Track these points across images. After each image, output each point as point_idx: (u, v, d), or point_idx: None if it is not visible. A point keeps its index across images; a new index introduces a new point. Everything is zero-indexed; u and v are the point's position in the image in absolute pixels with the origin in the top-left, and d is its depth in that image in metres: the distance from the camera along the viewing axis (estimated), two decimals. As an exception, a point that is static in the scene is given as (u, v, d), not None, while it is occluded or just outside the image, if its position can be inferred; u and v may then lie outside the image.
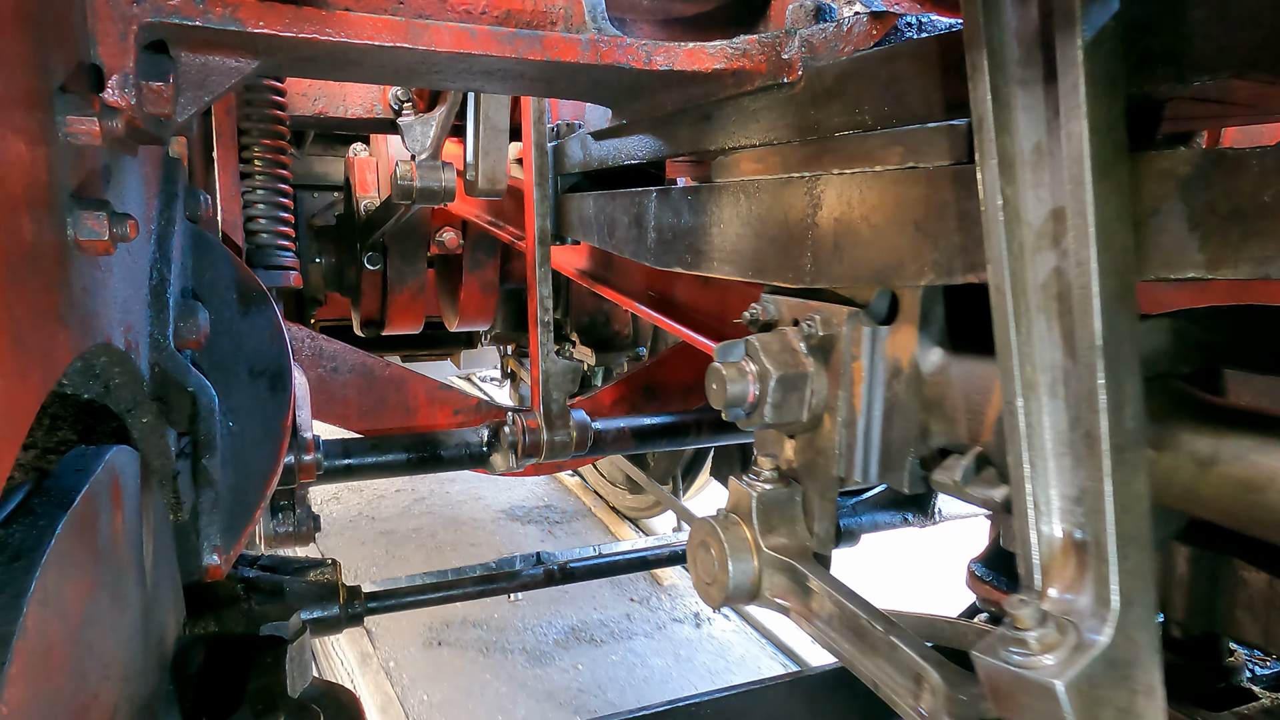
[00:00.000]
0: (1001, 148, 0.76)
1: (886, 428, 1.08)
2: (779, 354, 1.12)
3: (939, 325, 1.02)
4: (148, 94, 0.87)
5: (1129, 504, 0.69)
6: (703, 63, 1.17)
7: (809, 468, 1.17)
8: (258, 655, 1.08)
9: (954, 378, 0.98)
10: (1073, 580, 0.71)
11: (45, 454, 0.97)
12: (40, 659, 0.62)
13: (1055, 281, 0.74)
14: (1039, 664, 0.68)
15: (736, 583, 1.15)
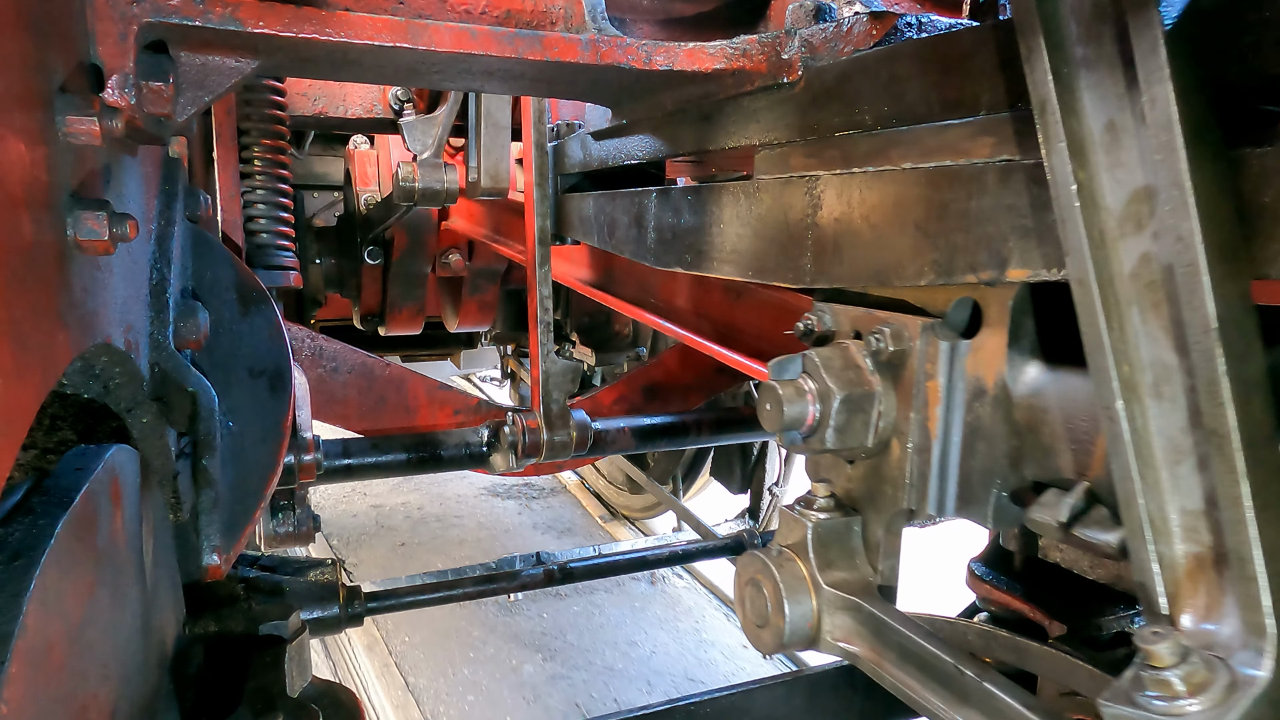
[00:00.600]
0: (1070, 131, 0.70)
1: (966, 456, 0.95)
2: (841, 371, 1.01)
3: (1031, 338, 0.90)
4: (148, 94, 0.87)
5: (1271, 510, 0.60)
6: (703, 63, 1.17)
7: (872, 497, 1.06)
8: (257, 655, 1.08)
9: (1053, 399, 0.85)
10: (1210, 606, 0.62)
11: (45, 454, 0.97)
12: (40, 658, 0.62)
13: (1146, 268, 0.66)
14: (1187, 710, 0.58)
15: (794, 626, 1.03)
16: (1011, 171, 0.86)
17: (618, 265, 2.54)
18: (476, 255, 4.07)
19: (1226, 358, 0.61)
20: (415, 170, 2.60)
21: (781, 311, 2.00)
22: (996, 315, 0.91)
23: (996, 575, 1.59)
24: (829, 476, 1.11)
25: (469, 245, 3.99)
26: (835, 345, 1.06)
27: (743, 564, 1.10)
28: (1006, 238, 0.86)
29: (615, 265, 2.57)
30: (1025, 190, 0.84)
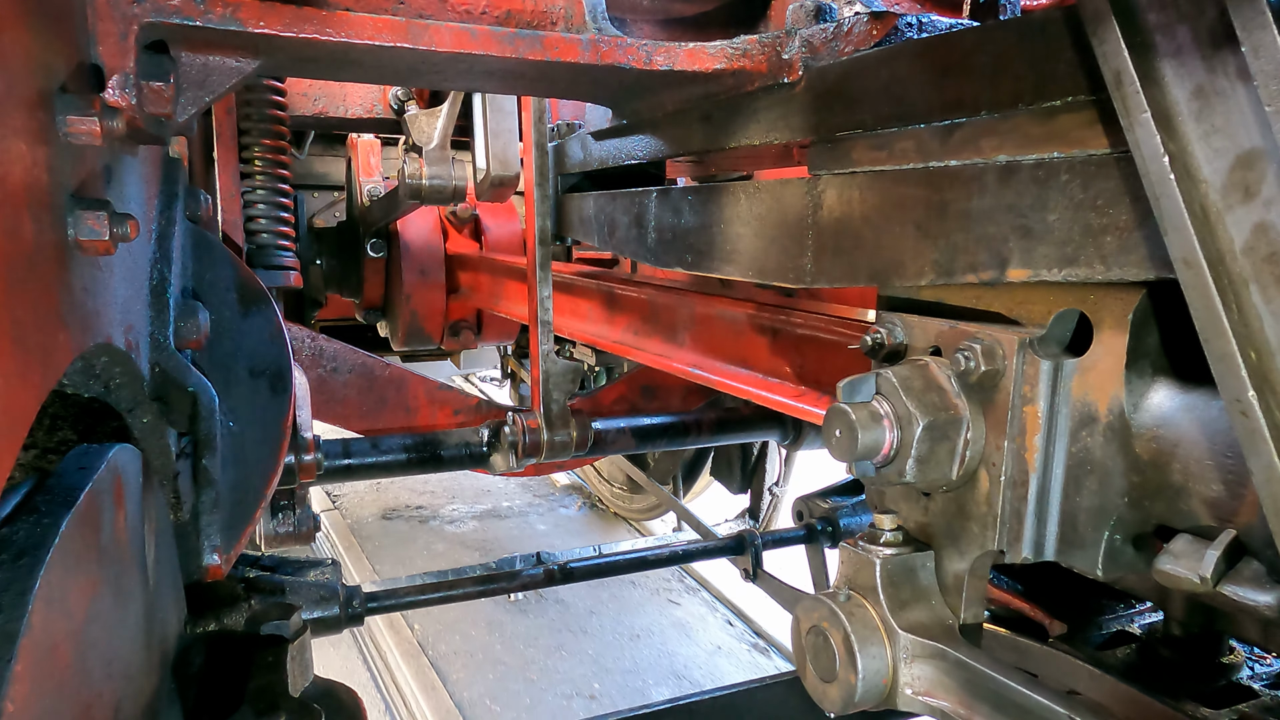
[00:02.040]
0: (1153, 101, 0.65)
1: (1071, 492, 0.84)
2: (923, 393, 0.89)
3: (1156, 355, 0.78)
4: (148, 94, 0.87)
5: None
6: (703, 63, 1.17)
7: (953, 535, 0.93)
8: (259, 654, 1.08)
9: (1186, 428, 0.74)
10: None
11: (45, 454, 0.97)
12: (45, 657, 0.63)
13: (1263, 240, 0.60)
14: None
15: (869, 681, 0.90)
16: (1012, 171, 0.86)
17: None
18: (487, 328, 3.86)
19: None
20: (422, 164, 2.58)
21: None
22: (1111, 328, 0.80)
23: (996, 574, 1.59)
24: (898, 508, 1.00)
25: (478, 316, 3.82)
26: (912, 363, 0.93)
27: (803, 611, 0.98)
28: (1007, 238, 0.86)
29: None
30: (1028, 190, 0.84)
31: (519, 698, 3.82)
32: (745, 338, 1.88)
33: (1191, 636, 1.32)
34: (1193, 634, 1.31)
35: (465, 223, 3.64)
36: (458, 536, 5.64)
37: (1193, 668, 1.30)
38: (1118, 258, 0.75)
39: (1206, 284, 0.63)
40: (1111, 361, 0.80)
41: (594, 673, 4.03)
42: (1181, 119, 0.64)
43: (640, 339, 2.25)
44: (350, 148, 3.73)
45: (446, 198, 2.61)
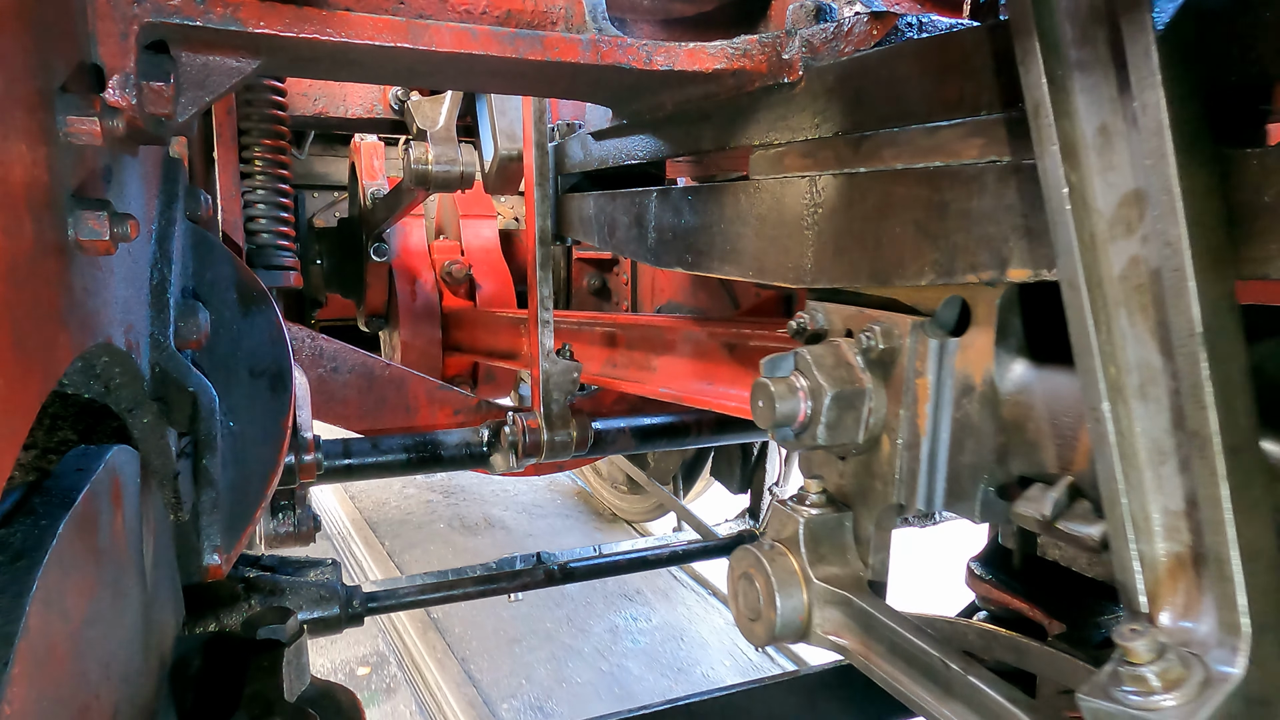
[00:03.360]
0: (1063, 133, 0.71)
1: (955, 452, 0.97)
2: (833, 369, 1.02)
3: (1018, 336, 0.92)
4: (148, 94, 0.87)
5: (1250, 512, 0.61)
6: (703, 63, 1.17)
7: (863, 493, 1.07)
8: (254, 659, 1.08)
9: (1038, 396, 0.87)
10: (1188, 604, 0.63)
11: (45, 454, 0.97)
12: (42, 659, 0.62)
13: (1135, 271, 0.67)
14: (1161, 705, 0.58)
15: (785, 619, 1.05)
16: (1009, 172, 0.86)
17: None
18: (481, 384, 4.07)
19: (1210, 362, 0.62)
20: (428, 148, 2.57)
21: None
22: (984, 314, 0.93)
23: (996, 574, 1.59)
24: (822, 473, 1.13)
25: (473, 370, 3.97)
26: (827, 343, 1.06)
27: (736, 558, 1.12)
28: (1007, 238, 0.86)
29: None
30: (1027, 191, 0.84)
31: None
32: (707, 356, 2.12)
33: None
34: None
35: (460, 282, 3.88)
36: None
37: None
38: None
39: (1084, 304, 0.70)
40: (984, 341, 0.93)
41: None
42: (1085, 153, 0.70)
43: (618, 369, 2.49)
44: (354, 151, 3.75)
45: (454, 182, 2.59)
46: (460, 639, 4.17)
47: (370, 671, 3.94)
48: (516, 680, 3.90)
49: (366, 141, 3.73)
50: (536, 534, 5.75)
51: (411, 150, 2.58)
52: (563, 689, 3.85)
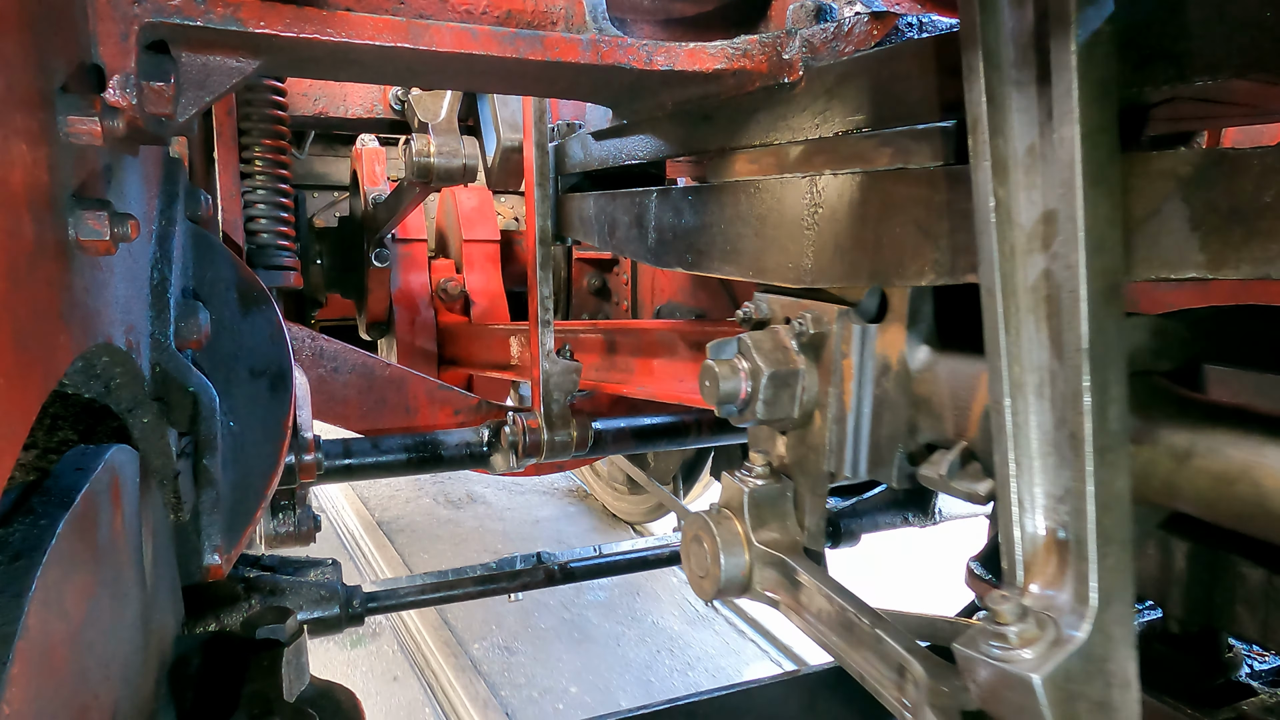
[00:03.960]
0: (995, 149, 0.76)
1: (875, 424, 1.09)
2: (771, 352, 1.14)
3: (927, 324, 1.04)
4: (149, 94, 0.87)
5: (1110, 504, 0.70)
6: (704, 63, 1.17)
7: (800, 464, 1.19)
8: (254, 658, 1.08)
9: (941, 375, 1.00)
10: (1054, 577, 0.72)
11: (46, 454, 0.97)
12: (42, 659, 0.62)
13: (1045, 283, 0.74)
14: (1017, 658, 0.69)
15: (728, 576, 1.17)
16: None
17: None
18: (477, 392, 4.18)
19: (1091, 374, 0.70)
20: (430, 140, 2.56)
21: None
22: (899, 305, 1.06)
23: (996, 574, 1.59)
24: (765, 448, 1.25)
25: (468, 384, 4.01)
26: (767, 329, 1.18)
27: (688, 523, 1.24)
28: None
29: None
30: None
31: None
32: (677, 356, 2.31)
33: (1190, 634, 1.32)
34: (1191, 632, 1.31)
35: (455, 299, 3.99)
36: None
37: (1191, 665, 1.30)
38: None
39: (998, 308, 0.77)
40: (899, 327, 1.05)
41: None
42: (1014, 170, 0.76)
43: (601, 373, 2.64)
44: (355, 158, 3.76)
45: (456, 175, 2.58)
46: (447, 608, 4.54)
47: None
48: (488, 626, 4.39)
49: (368, 147, 3.75)
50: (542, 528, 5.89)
51: (414, 143, 2.57)
52: (529, 633, 4.34)
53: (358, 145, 3.81)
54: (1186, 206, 0.71)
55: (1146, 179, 0.73)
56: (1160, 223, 0.73)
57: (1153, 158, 0.73)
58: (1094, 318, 0.70)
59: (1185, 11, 0.71)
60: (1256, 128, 1.34)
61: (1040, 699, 0.67)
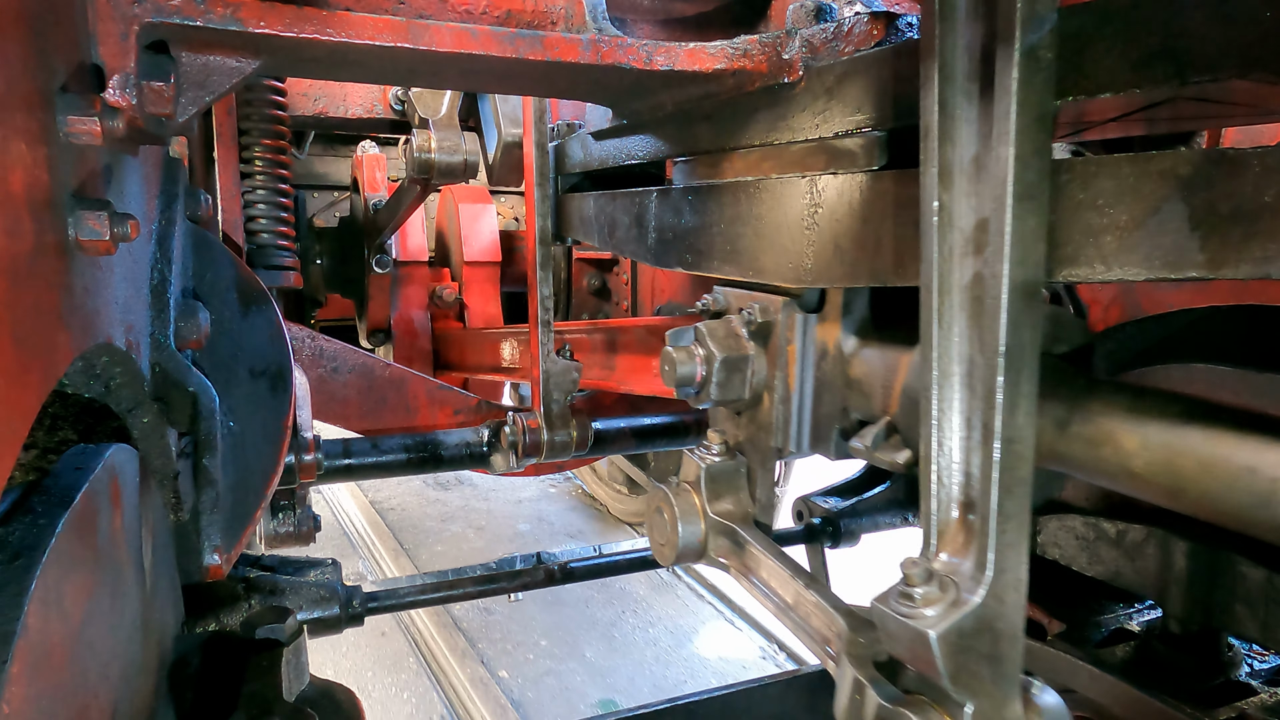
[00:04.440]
0: (943, 156, 0.81)
1: (816, 403, 1.22)
2: (724, 339, 1.25)
3: (860, 314, 1.17)
4: (149, 94, 0.87)
5: (1012, 488, 0.78)
6: (703, 63, 1.17)
7: (751, 441, 1.30)
8: (253, 658, 1.08)
9: (870, 359, 1.12)
10: (960, 547, 0.81)
11: (46, 454, 0.97)
12: (41, 658, 0.62)
13: (975, 286, 0.80)
14: (920, 615, 0.78)
15: (685, 543, 1.29)
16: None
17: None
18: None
19: (1005, 373, 0.77)
20: (430, 135, 2.55)
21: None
22: (835, 296, 1.18)
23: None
24: (722, 427, 1.36)
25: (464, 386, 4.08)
26: (722, 319, 1.29)
27: (651, 495, 1.37)
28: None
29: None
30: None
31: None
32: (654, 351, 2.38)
33: (1190, 634, 1.32)
34: (1191, 632, 1.32)
35: (450, 306, 4.07)
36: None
37: (1191, 665, 1.30)
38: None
39: (934, 304, 0.82)
40: (835, 316, 1.18)
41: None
42: (959, 177, 0.81)
43: (586, 370, 2.69)
44: (356, 165, 3.77)
45: (458, 170, 2.57)
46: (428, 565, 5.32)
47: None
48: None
49: (369, 154, 3.76)
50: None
51: (414, 139, 2.56)
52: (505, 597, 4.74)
53: (358, 152, 3.82)
54: (1186, 206, 0.71)
55: (1146, 179, 0.74)
56: (1160, 223, 0.73)
57: (1153, 158, 0.73)
58: (1012, 323, 0.76)
59: (1185, 10, 0.72)
60: (1256, 128, 1.34)
61: (935, 651, 0.76)
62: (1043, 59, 0.73)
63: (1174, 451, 0.74)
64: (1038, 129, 0.74)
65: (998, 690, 0.79)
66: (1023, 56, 0.72)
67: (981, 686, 0.78)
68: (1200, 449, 0.72)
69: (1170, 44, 0.73)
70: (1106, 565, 1.38)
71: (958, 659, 0.77)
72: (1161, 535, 1.29)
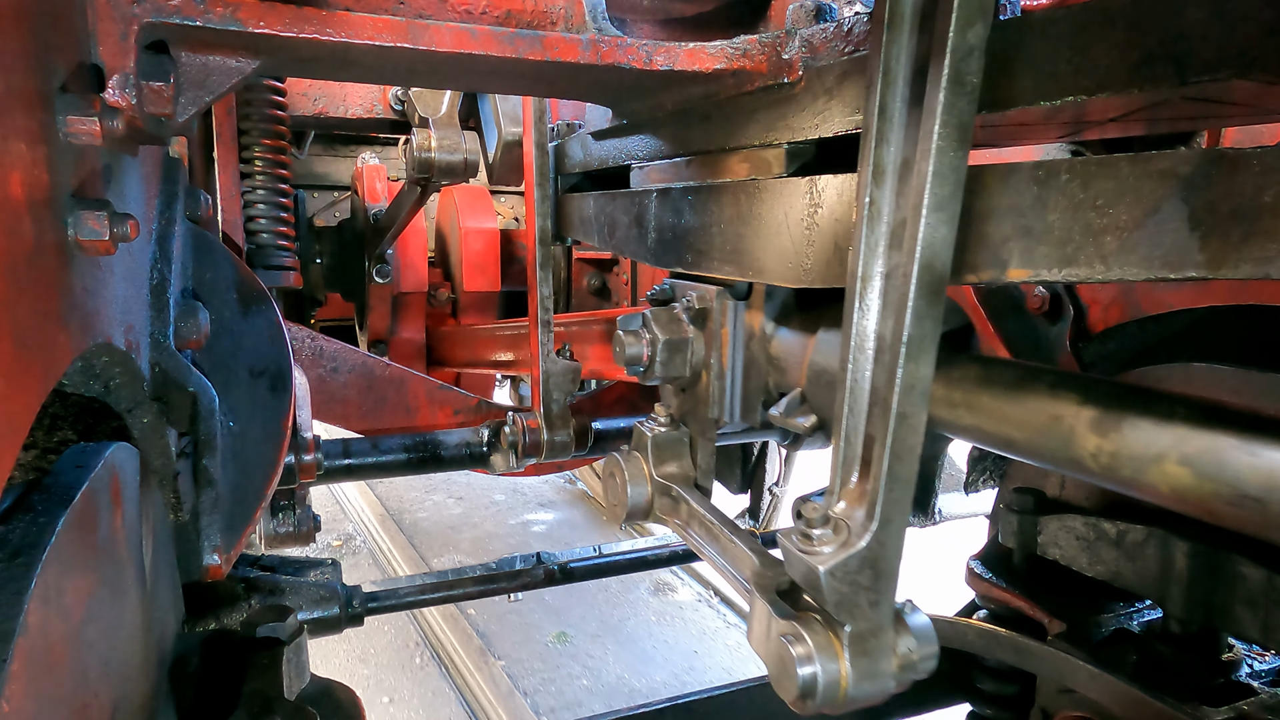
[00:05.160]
0: (877, 157, 0.89)
1: (745, 379, 1.39)
2: (667, 323, 1.43)
3: (779, 301, 1.35)
4: (148, 94, 0.87)
5: (902, 454, 0.90)
6: (703, 63, 1.17)
7: (692, 413, 1.49)
8: (254, 657, 1.08)
9: (786, 339, 1.31)
10: (855, 500, 0.94)
11: (45, 454, 0.97)
12: (41, 656, 0.62)
13: (894, 275, 0.90)
14: (816, 552, 0.93)
15: (634, 503, 1.48)
16: (1007, 172, 0.86)
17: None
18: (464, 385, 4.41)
19: (905, 361, 0.86)
20: (430, 134, 2.55)
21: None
22: (759, 286, 1.35)
23: (996, 573, 1.59)
24: (668, 402, 1.54)
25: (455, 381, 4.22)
26: (666, 306, 1.47)
27: (605, 462, 1.55)
28: (1007, 239, 0.86)
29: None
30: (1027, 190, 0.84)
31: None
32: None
33: (1190, 634, 1.32)
34: (1191, 632, 1.31)
35: (444, 304, 4.19)
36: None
37: (1192, 665, 1.30)
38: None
39: (857, 290, 0.92)
40: (759, 304, 1.36)
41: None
42: (889, 178, 0.89)
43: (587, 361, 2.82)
44: (356, 177, 3.78)
45: (458, 170, 2.57)
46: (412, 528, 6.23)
47: (341, 544, 6.26)
48: (445, 547, 6.02)
49: (368, 164, 3.78)
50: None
51: (414, 138, 2.56)
52: (481, 554, 5.87)
53: (358, 164, 3.84)
54: (1186, 206, 0.71)
55: (1146, 179, 0.74)
56: (1160, 222, 0.73)
57: (1153, 158, 0.73)
58: (916, 315, 0.86)
59: (1184, 10, 0.72)
60: (1256, 128, 1.34)
61: (823, 582, 0.92)
62: (967, 83, 0.79)
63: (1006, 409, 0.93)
64: (957, 147, 0.81)
65: (875, 615, 0.94)
66: (949, 79, 0.79)
67: (861, 612, 0.94)
68: (1025, 407, 0.91)
69: (1170, 44, 0.73)
70: (1107, 565, 1.38)
71: (842, 590, 0.92)
72: (1162, 536, 1.29)
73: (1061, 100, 0.81)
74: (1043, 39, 0.83)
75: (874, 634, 0.94)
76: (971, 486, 1.86)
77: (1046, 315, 1.64)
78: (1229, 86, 0.73)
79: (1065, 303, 1.60)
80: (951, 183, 0.82)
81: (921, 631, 0.97)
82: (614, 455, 1.51)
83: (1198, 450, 0.74)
